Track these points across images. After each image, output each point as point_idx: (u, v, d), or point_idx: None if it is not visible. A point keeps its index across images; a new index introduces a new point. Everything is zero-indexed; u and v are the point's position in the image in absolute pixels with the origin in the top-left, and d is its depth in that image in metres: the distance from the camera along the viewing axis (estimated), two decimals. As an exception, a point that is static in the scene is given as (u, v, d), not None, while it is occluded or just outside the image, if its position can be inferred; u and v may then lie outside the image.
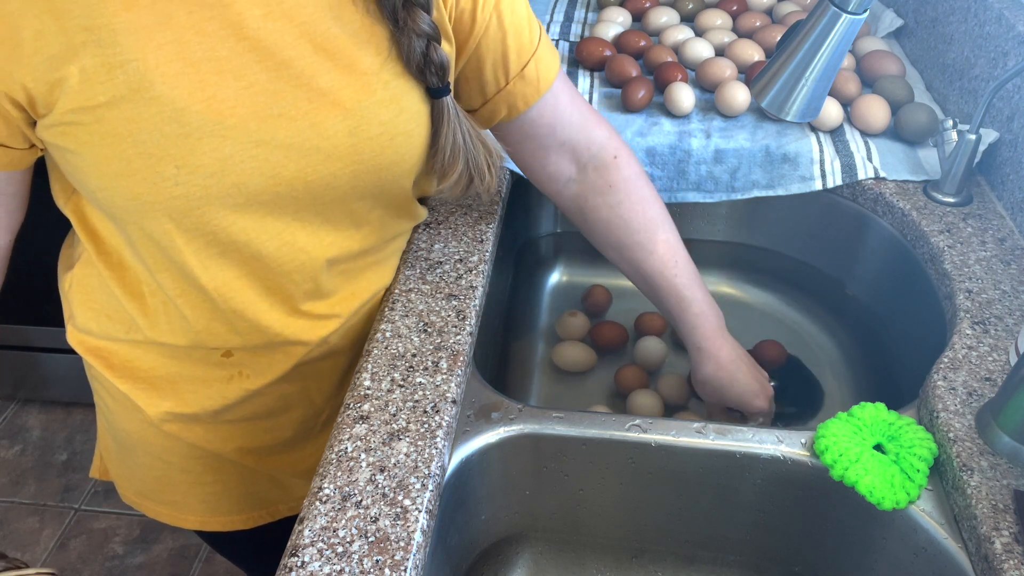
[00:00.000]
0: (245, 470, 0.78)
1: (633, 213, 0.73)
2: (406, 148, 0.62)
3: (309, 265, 0.65)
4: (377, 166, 0.61)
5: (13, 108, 0.53)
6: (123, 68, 0.51)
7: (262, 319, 0.65)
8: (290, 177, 0.58)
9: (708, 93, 0.97)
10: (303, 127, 0.57)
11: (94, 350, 0.71)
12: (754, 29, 1.06)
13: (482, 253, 0.77)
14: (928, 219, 0.80)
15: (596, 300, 0.94)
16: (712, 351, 0.74)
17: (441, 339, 0.67)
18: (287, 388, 0.72)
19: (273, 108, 0.56)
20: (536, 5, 1.22)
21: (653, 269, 0.74)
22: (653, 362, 0.86)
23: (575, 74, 1.04)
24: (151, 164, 0.54)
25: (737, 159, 0.89)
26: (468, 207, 0.83)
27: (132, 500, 0.82)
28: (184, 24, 0.52)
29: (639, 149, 0.90)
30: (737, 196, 0.91)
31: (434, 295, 0.71)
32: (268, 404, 0.73)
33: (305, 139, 0.57)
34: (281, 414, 0.74)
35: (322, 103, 0.57)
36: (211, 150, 0.54)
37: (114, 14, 0.51)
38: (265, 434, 0.75)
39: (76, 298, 0.71)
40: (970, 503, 0.54)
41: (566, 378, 0.88)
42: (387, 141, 0.60)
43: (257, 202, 0.58)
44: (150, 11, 0.51)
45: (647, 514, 0.68)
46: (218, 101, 0.54)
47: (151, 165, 0.54)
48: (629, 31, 1.06)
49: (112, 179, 0.54)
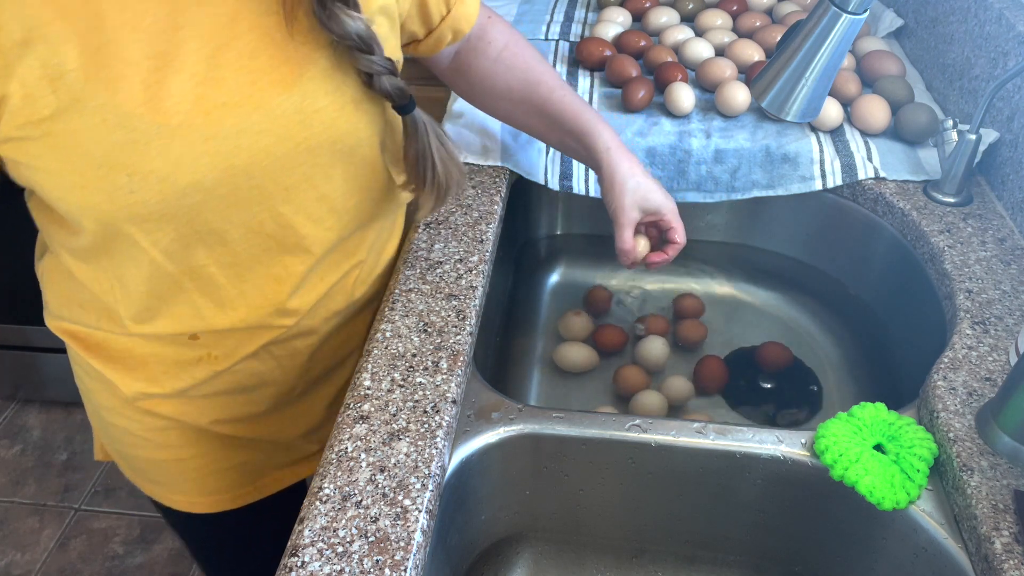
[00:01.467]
0: (225, 440, 0.77)
1: (515, 57, 0.77)
2: (357, 117, 0.61)
3: (276, 251, 0.64)
4: (331, 139, 0.60)
5: None
6: (63, 79, 0.50)
7: (228, 305, 0.65)
8: (245, 165, 0.57)
9: (708, 93, 0.97)
10: (249, 111, 0.56)
11: (68, 332, 0.71)
12: (754, 29, 1.06)
13: (482, 253, 0.77)
14: (928, 219, 0.80)
15: (597, 301, 0.94)
16: (625, 151, 0.76)
17: (441, 339, 0.67)
18: (256, 366, 0.72)
19: (217, 97, 0.55)
20: (536, 5, 1.22)
21: (543, 97, 0.77)
22: (655, 364, 0.86)
23: (575, 74, 1.04)
24: (103, 174, 0.53)
25: (737, 159, 0.89)
26: (468, 207, 0.83)
27: (132, 478, 0.83)
28: (118, 23, 0.51)
29: (639, 149, 0.90)
30: (737, 196, 0.91)
31: (434, 295, 0.71)
32: (240, 381, 0.72)
33: (252, 123, 0.56)
34: (254, 390, 0.74)
35: (264, 83, 0.56)
36: (160, 153, 0.53)
37: (48, 24, 0.49)
38: (240, 407, 0.75)
39: (48, 287, 0.71)
40: (970, 503, 0.54)
41: (567, 379, 0.88)
42: (337, 112, 0.59)
43: (216, 196, 0.57)
44: (82, 15, 0.50)
45: (647, 514, 0.68)
46: (160, 100, 0.53)
47: (103, 175, 0.53)
48: (629, 31, 1.06)
49: (68, 191, 0.54)
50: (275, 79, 0.56)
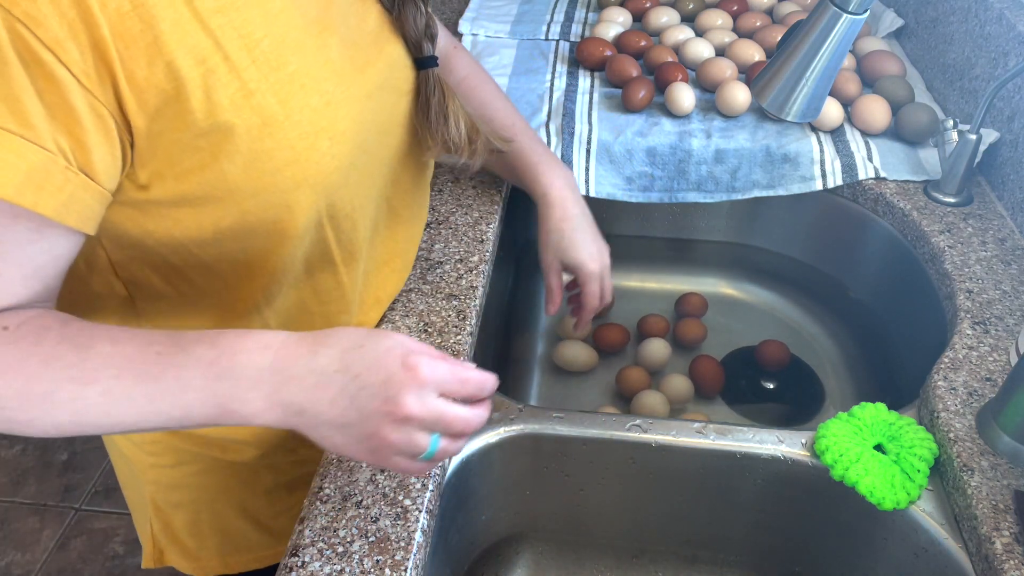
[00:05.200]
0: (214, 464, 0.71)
1: (472, 89, 0.77)
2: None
3: (385, 226, 0.65)
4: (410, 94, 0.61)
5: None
6: (259, 46, 0.47)
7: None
8: (382, 122, 0.57)
9: (708, 93, 0.97)
10: (380, 68, 0.57)
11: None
12: (755, 29, 1.06)
13: (482, 253, 0.77)
14: (928, 219, 0.80)
15: (596, 300, 0.94)
16: (559, 200, 0.76)
17: (441, 339, 0.67)
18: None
19: (359, 56, 0.55)
20: (536, 5, 1.22)
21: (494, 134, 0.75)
22: (656, 364, 0.86)
23: (576, 74, 1.04)
24: (310, 143, 0.50)
25: (738, 159, 0.89)
26: (469, 207, 0.83)
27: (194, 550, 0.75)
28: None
29: (640, 149, 0.90)
30: (737, 196, 0.91)
31: (434, 295, 0.71)
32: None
33: (384, 79, 0.57)
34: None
35: (381, 38, 0.58)
36: (346, 114, 0.53)
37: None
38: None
39: None
40: (970, 503, 0.54)
41: (567, 378, 0.88)
42: (409, 64, 0.61)
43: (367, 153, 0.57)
44: None
45: (647, 514, 0.68)
46: (333, 62, 0.52)
47: (311, 144, 0.50)
48: (629, 31, 1.06)
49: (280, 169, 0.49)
50: (381, 35, 0.58)
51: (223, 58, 0.45)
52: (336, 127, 0.52)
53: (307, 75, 0.50)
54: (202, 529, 0.73)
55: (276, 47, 0.48)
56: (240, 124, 0.47)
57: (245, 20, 0.46)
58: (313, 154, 0.51)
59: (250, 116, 0.47)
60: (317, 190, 0.52)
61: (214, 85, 0.45)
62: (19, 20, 0.39)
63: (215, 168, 0.47)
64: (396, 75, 0.60)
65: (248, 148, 0.47)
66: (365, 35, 0.56)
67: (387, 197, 0.64)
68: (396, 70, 0.60)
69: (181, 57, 0.43)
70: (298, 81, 0.49)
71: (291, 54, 0.49)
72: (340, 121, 0.52)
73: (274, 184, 0.50)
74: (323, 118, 0.51)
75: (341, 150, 0.53)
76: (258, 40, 0.47)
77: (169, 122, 0.45)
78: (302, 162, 0.50)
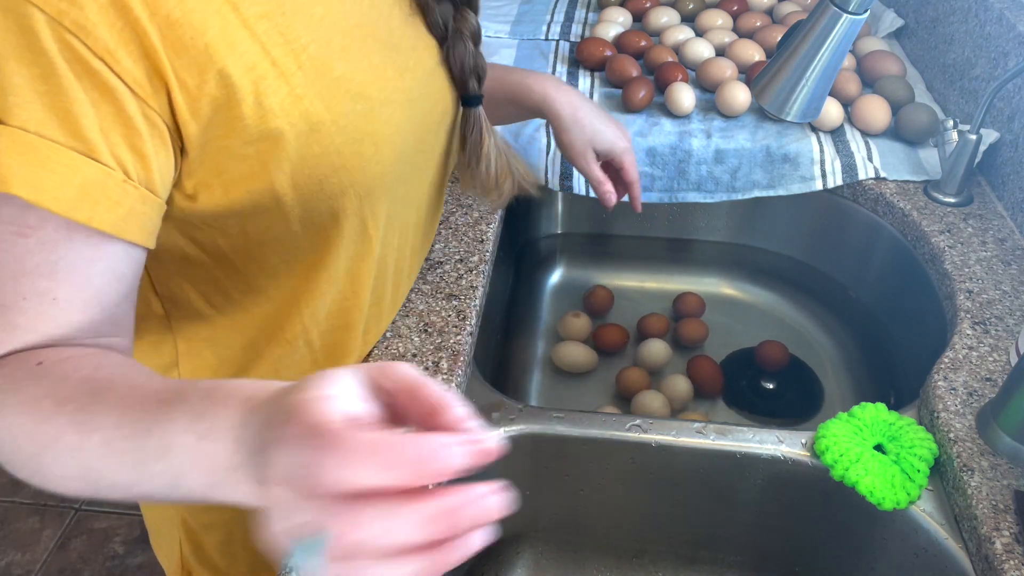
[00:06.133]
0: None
1: None
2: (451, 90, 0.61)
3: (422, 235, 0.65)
4: (444, 108, 0.61)
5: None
6: (306, 51, 0.46)
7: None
8: (416, 129, 0.57)
9: (709, 93, 0.97)
10: (418, 75, 0.56)
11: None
12: (755, 29, 1.06)
13: (482, 253, 0.77)
14: (929, 219, 0.80)
15: (598, 301, 0.94)
16: (563, 100, 0.75)
17: (441, 339, 0.67)
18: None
19: (398, 61, 0.54)
20: (536, 5, 1.22)
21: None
22: (656, 364, 0.86)
23: (576, 74, 1.04)
24: (356, 149, 0.50)
25: (738, 159, 0.89)
26: (468, 207, 0.83)
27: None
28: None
29: (640, 149, 0.90)
30: (738, 196, 0.91)
31: (434, 295, 0.71)
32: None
33: (421, 86, 0.56)
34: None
35: (420, 46, 0.57)
36: (388, 120, 0.52)
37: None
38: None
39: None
40: (970, 503, 0.54)
41: (567, 379, 0.88)
42: (444, 80, 0.60)
43: (407, 162, 0.56)
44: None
45: (648, 514, 0.68)
46: (372, 67, 0.51)
47: (356, 150, 0.50)
48: (630, 31, 1.06)
49: (328, 175, 0.49)
50: (418, 44, 0.57)
51: (271, 64, 0.45)
52: (379, 132, 0.51)
53: (351, 80, 0.49)
54: (234, 549, 0.71)
55: (321, 52, 0.47)
56: (289, 130, 0.46)
57: (290, 26, 0.46)
58: (358, 160, 0.50)
59: (299, 122, 0.46)
60: (362, 196, 0.52)
61: (264, 91, 0.44)
62: (69, 30, 0.37)
63: (263, 176, 0.47)
64: (435, 86, 0.59)
65: (296, 155, 0.47)
66: (404, 39, 0.56)
67: (420, 208, 0.65)
68: (435, 80, 0.59)
69: (232, 64, 0.43)
70: (343, 86, 0.49)
71: (335, 59, 0.48)
72: (383, 126, 0.52)
73: (321, 191, 0.50)
74: (367, 123, 0.50)
75: (385, 156, 0.52)
76: (304, 45, 0.46)
77: (220, 129, 0.44)
78: (348, 168, 0.50)
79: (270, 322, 0.57)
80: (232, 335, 0.58)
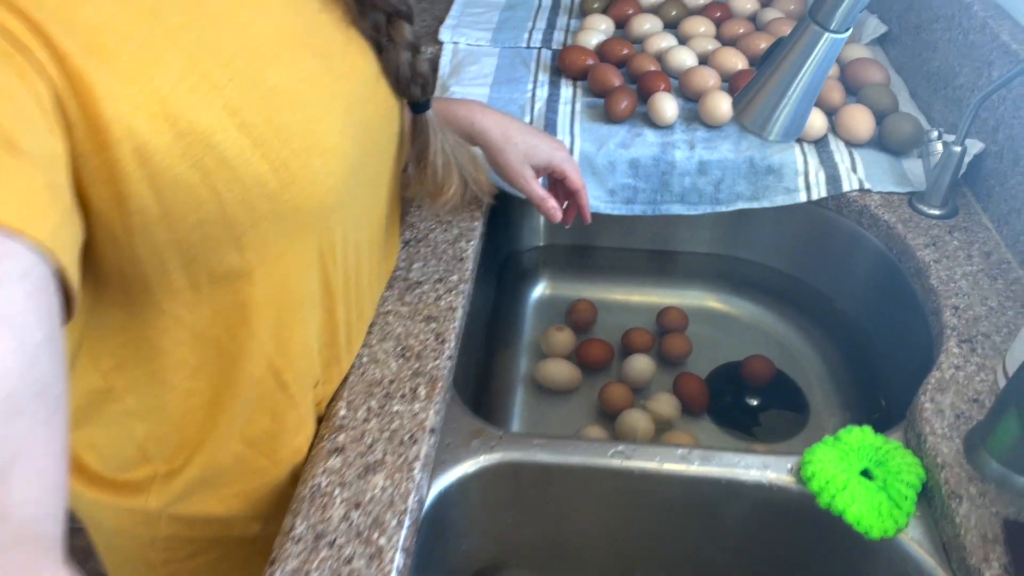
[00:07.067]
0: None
1: None
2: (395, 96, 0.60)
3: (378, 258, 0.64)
4: (393, 114, 0.59)
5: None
6: (235, 62, 0.44)
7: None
8: (367, 141, 0.55)
9: (691, 103, 0.96)
10: (356, 81, 0.54)
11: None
12: (737, 36, 1.05)
13: (462, 272, 0.75)
14: (913, 232, 0.79)
15: (581, 314, 0.93)
16: (490, 121, 0.74)
17: (419, 364, 0.65)
18: None
19: (334, 66, 0.52)
20: (519, 12, 1.21)
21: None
22: (640, 380, 0.85)
23: (558, 83, 1.02)
24: (303, 160, 0.46)
25: (721, 171, 0.88)
26: (448, 223, 0.82)
27: None
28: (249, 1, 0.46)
29: (623, 161, 0.89)
30: (721, 208, 0.90)
31: (413, 317, 0.70)
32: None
33: (364, 91, 0.54)
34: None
35: (352, 49, 0.54)
36: (331, 128, 0.49)
37: (205, 6, 0.43)
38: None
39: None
40: (959, 532, 0.53)
41: (550, 398, 0.86)
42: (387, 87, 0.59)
43: (357, 173, 0.53)
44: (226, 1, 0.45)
45: (632, 540, 0.67)
46: (307, 72, 0.48)
47: (304, 162, 0.47)
48: (612, 39, 1.05)
49: (277, 192, 0.46)
50: (351, 50, 0.54)
51: (200, 76, 0.42)
52: (325, 142, 0.49)
53: (287, 89, 0.47)
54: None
55: (251, 62, 0.45)
56: (231, 147, 0.44)
57: (215, 35, 0.44)
58: (308, 173, 0.48)
59: (239, 137, 0.44)
60: (315, 213, 0.50)
61: (196, 105, 0.42)
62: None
63: (212, 201, 0.44)
64: (379, 93, 0.57)
65: (243, 173, 0.44)
66: (336, 45, 0.54)
67: (376, 224, 0.63)
68: (379, 88, 0.57)
69: (159, 77, 0.40)
70: (279, 96, 0.46)
71: (267, 68, 0.46)
72: (327, 136, 0.49)
73: (272, 211, 0.47)
74: (311, 133, 0.48)
75: (335, 167, 0.50)
76: (232, 55, 0.44)
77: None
78: (299, 183, 0.47)
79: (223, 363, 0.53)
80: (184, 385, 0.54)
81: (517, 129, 0.76)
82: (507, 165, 0.76)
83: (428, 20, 1.22)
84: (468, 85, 1.03)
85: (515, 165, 0.76)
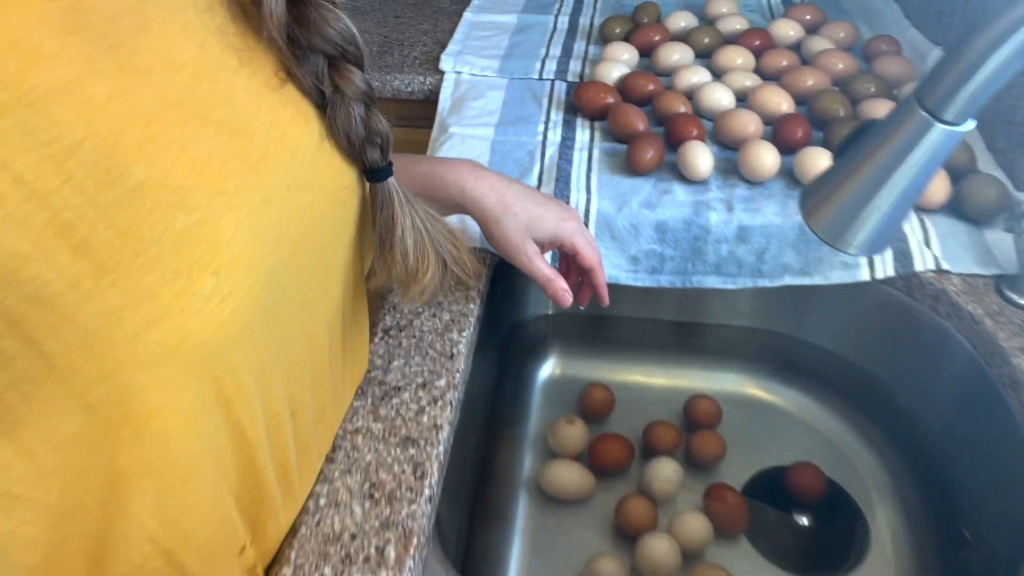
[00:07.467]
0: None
1: None
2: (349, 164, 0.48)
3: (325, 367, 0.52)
4: (348, 190, 0.49)
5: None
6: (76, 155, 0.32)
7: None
8: (298, 236, 0.43)
9: (729, 150, 0.82)
10: (286, 160, 0.42)
11: None
12: (780, 70, 0.91)
13: (451, 374, 0.62)
14: (1006, 330, 0.65)
15: (595, 403, 0.79)
16: (483, 188, 0.63)
17: (391, 510, 0.52)
18: None
19: (247, 148, 0.40)
20: (531, 36, 1.07)
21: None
22: (665, 492, 0.71)
23: (573, 123, 0.89)
24: (184, 283, 0.35)
25: (765, 238, 0.74)
26: (438, 306, 0.68)
27: None
28: (112, 66, 0.34)
29: (647, 224, 0.75)
30: (764, 283, 0.76)
31: (387, 439, 0.57)
32: None
33: (294, 175, 0.43)
34: None
35: (282, 122, 0.43)
36: (235, 231, 0.37)
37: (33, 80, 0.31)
38: None
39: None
40: None
41: (558, 508, 0.73)
42: (340, 157, 0.48)
43: (279, 286, 0.42)
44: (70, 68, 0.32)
45: None
46: (203, 161, 0.37)
47: (184, 284, 0.35)
48: (635, 72, 0.91)
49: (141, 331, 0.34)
50: (291, 116, 0.43)
51: (13, 182, 0.30)
52: (220, 255, 0.36)
53: (163, 185, 0.34)
54: None
55: (106, 151, 0.32)
56: (55, 279, 0.31)
57: (46, 118, 0.31)
58: (190, 301, 0.35)
59: (72, 262, 0.31)
60: (205, 353, 0.37)
61: (7, 228, 0.30)
62: None
63: (27, 355, 0.32)
64: (322, 167, 0.45)
65: (76, 312, 0.32)
66: (258, 116, 0.41)
67: (321, 336, 0.49)
68: (320, 159, 0.45)
69: None
70: (148, 196, 0.34)
71: (132, 160, 0.33)
72: (226, 245, 0.36)
73: (135, 356, 0.34)
74: (198, 244, 0.35)
75: (237, 285, 0.37)
76: (73, 145, 0.31)
77: None
78: (173, 316, 0.34)
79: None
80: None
81: (516, 195, 0.63)
82: (505, 239, 0.63)
83: (429, 45, 1.09)
84: (470, 125, 0.90)
85: (515, 239, 0.63)
